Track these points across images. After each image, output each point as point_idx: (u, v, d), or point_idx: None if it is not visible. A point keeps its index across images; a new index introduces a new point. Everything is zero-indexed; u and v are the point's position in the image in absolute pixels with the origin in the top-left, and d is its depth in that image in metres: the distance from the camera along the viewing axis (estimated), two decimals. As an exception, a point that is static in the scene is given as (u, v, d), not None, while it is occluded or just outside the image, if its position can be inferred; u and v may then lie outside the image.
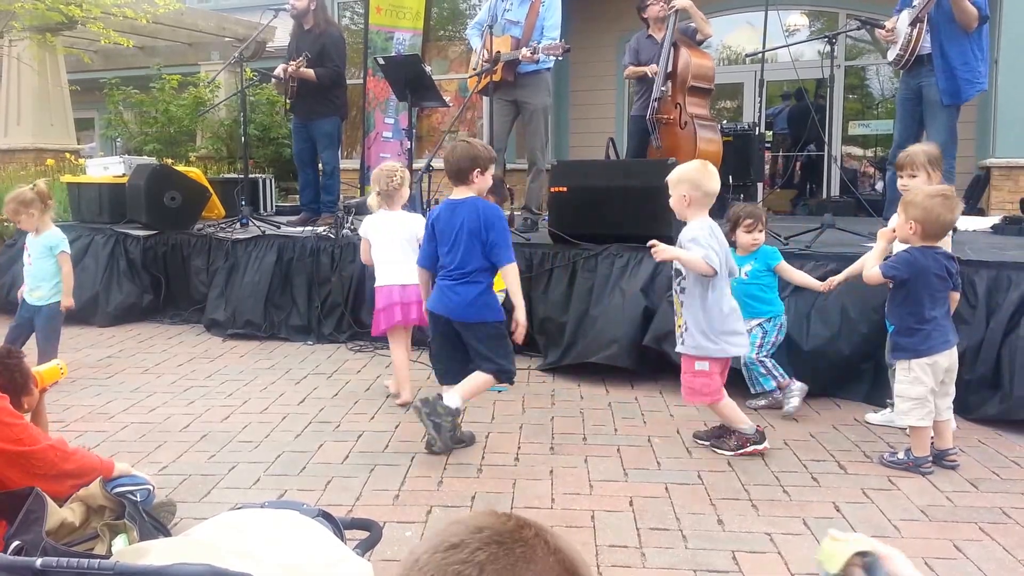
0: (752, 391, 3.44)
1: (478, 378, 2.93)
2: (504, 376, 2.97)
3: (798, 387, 3.35)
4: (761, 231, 3.41)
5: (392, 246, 3.54)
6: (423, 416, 2.83)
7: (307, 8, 5.47)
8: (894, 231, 2.82)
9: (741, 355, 3.08)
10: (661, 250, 2.82)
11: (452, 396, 2.88)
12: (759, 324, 3.40)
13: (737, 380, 3.33)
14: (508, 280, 2.97)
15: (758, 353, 3.36)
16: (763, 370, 3.38)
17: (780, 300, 3.49)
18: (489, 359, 2.91)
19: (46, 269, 4.00)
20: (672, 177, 2.87)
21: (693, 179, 2.80)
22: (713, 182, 2.81)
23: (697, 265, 2.73)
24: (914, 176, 3.15)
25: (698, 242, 2.76)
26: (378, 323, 3.57)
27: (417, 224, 3.53)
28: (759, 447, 2.87)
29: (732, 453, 2.87)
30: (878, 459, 2.82)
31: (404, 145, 7.88)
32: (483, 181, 2.95)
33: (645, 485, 2.63)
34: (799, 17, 8.76)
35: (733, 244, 3.33)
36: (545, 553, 0.68)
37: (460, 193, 2.96)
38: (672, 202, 2.87)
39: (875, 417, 3.28)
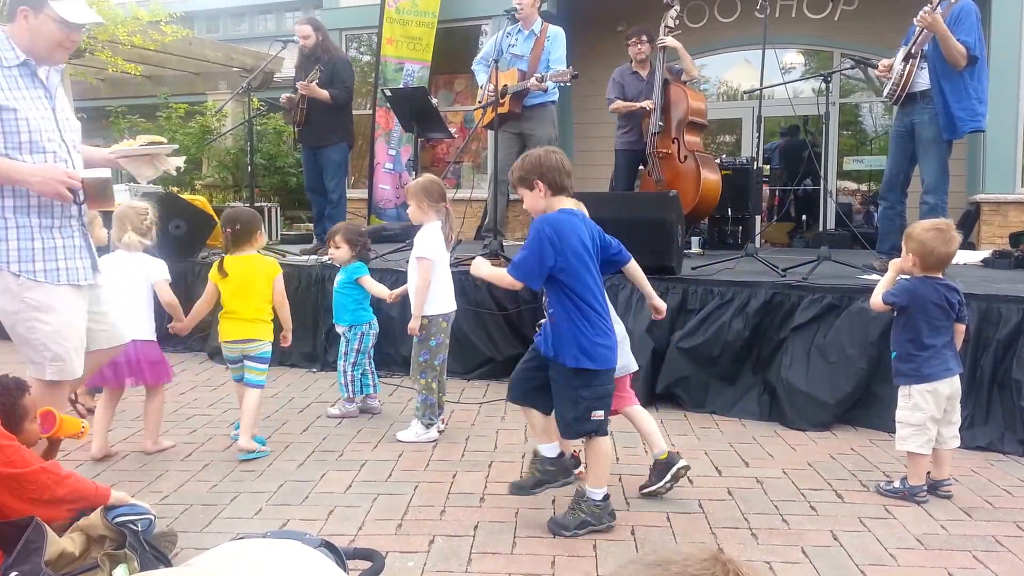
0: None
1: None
2: None
3: (376, 404, 3.81)
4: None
5: (120, 292, 3.00)
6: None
7: (316, 44, 5.63)
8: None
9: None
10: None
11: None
12: (343, 332, 3.81)
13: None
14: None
15: (344, 361, 3.76)
16: (343, 380, 3.78)
17: (367, 311, 3.82)
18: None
19: None
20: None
21: None
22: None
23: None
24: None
25: None
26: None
27: (156, 270, 3.19)
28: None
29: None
30: (875, 488, 2.86)
31: (403, 179, 7.99)
32: None
33: (646, 514, 2.66)
34: (795, 56, 8.96)
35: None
36: None
37: None
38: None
39: (404, 434, 3.41)
